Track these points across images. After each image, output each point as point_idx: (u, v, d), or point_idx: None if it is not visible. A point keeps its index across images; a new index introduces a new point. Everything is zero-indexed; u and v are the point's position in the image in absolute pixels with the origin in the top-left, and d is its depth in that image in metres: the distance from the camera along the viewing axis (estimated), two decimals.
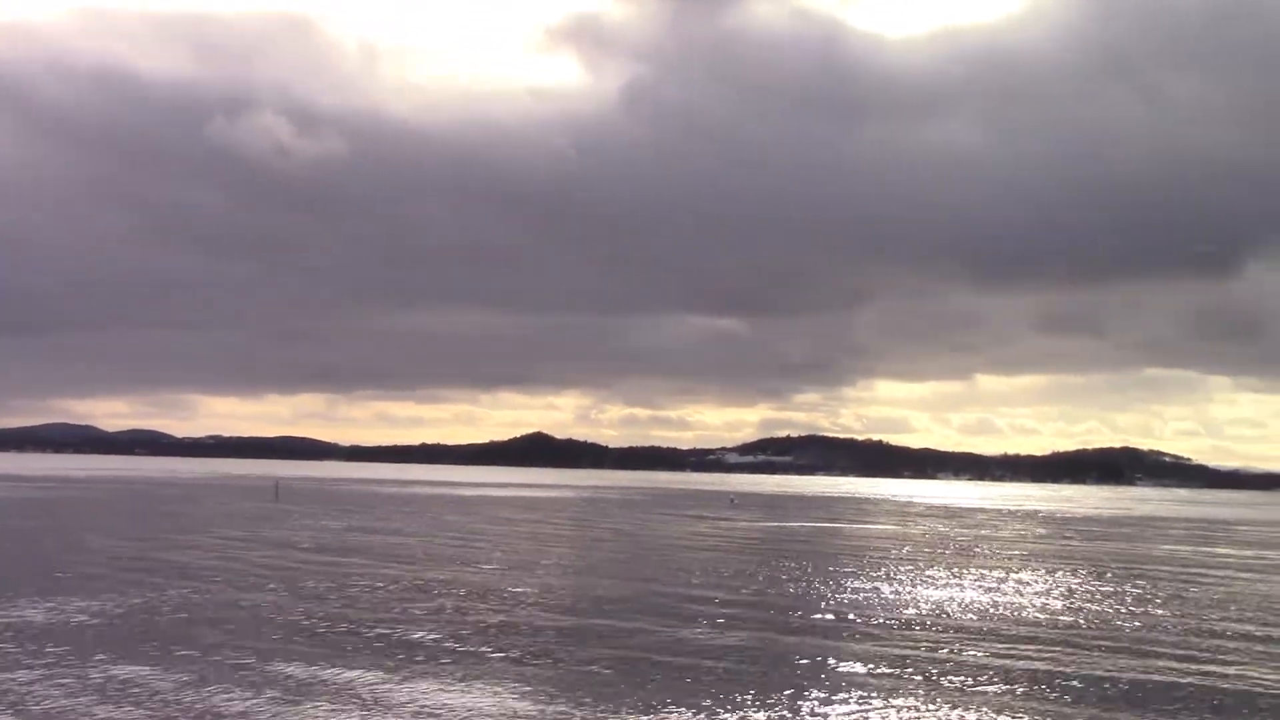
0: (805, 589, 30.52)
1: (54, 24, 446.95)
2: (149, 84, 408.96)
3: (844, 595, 29.23)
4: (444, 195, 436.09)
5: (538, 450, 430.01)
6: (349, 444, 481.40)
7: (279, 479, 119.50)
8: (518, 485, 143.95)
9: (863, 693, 16.93)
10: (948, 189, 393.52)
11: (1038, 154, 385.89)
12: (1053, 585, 33.58)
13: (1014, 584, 33.68)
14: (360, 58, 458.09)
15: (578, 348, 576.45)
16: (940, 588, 32.00)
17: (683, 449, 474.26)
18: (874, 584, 32.25)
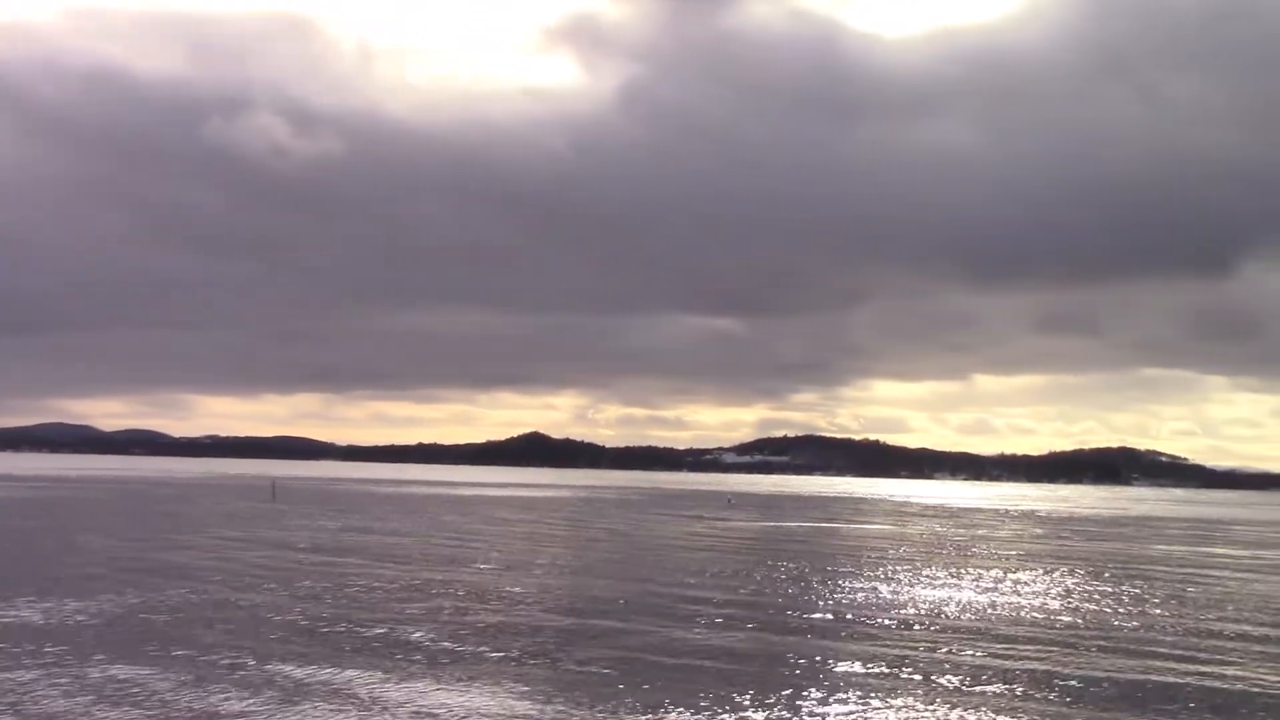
0: (802, 589, 30.52)
1: (51, 24, 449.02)
2: (146, 84, 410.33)
3: (841, 595, 29.24)
4: (441, 195, 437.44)
5: (535, 450, 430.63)
6: (346, 444, 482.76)
7: (276, 479, 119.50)
8: (515, 485, 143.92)
9: (861, 693, 16.93)
10: (945, 189, 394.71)
11: (1035, 154, 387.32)
12: (1050, 585, 33.60)
13: (1011, 584, 33.70)
14: (357, 58, 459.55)
15: (575, 348, 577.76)
16: (938, 588, 32.01)
17: (680, 449, 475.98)
18: (871, 584, 32.26)
